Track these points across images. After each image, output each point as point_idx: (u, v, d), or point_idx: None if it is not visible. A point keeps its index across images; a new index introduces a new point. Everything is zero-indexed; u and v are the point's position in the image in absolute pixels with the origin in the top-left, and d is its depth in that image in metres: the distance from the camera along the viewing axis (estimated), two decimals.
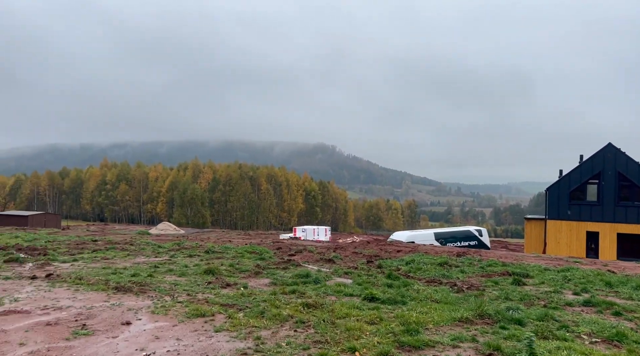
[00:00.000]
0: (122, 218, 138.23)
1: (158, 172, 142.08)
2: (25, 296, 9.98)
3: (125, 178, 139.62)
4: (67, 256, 17.76)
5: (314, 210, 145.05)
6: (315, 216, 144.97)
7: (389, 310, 9.49)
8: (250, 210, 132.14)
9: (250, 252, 18.71)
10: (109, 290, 10.59)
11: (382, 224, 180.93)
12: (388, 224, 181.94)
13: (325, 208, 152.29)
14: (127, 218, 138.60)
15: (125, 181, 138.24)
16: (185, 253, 18.47)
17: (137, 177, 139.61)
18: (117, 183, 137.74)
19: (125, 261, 16.29)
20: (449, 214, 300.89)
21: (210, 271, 13.39)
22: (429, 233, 32.35)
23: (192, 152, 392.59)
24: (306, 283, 12.23)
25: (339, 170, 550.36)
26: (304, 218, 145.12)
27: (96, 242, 24.50)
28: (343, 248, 21.18)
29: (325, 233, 42.28)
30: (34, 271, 13.61)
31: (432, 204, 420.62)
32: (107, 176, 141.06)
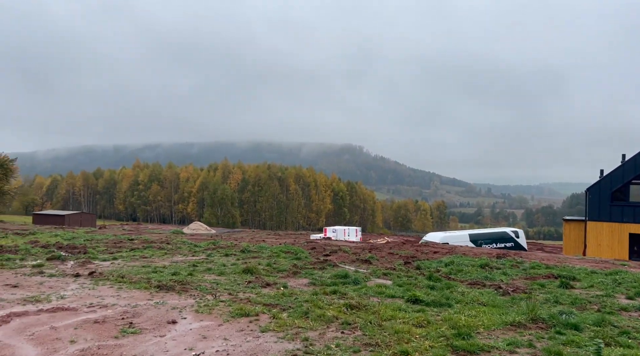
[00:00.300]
0: (154, 217, 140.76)
1: (189, 172, 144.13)
2: (71, 293, 10.09)
3: (157, 178, 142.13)
4: (106, 254, 18.03)
5: (341, 211, 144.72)
6: (343, 216, 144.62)
7: (435, 312, 9.23)
8: (278, 210, 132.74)
9: (286, 252, 18.63)
10: (152, 289, 10.63)
11: (410, 225, 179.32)
12: (417, 225, 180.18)
13: (353, 209, 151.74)
14: (159, 218, 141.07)
15: (157, 181, 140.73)
16: (222, 252, 18.52)
17: (168, 177, 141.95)
18: (149, 183, 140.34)
19: (163, 260, 16.42)
20: (479, 215, 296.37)
21: (249, 271, 13.34)
22: (464, 234, 31.73)
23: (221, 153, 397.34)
24: (345, 283, 12.06)
25: (366, 171, 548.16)
26: (332, 219, 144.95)
27: (132, 241, 24.88)
28: (378, 249, 20.90)
29: (356, 234, 41.98)
30: (77, 269, 13.83)
31: (461, 205, 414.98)
32: (139, 176, 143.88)
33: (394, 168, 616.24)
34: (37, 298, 9.47)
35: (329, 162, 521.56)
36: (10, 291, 10.20)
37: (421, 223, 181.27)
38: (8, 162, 75.99)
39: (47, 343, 6.68)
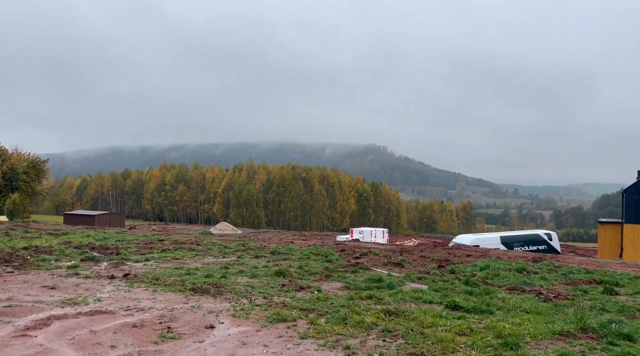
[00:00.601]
0: (180, 217, 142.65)
1: (214, 173, 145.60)
2: (107, 296, 10.11)
3: (184, 179, 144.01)
4: (138, 255, 18.18)
5: (366, 212, 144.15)
6: (368, 217, 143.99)
7: (477, 319, 8.93)
8: (303, 211, 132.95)
9: (316, 254, 18.48)
10: (186, 291, 10.59)
11: (435, 226, 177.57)
12: (442, 226, 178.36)
13: (377, 210, 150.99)
14: (185, 218, 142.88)
15: (183, 182, 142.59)
16: (252, 254, 18.48)
17: (194, 178, 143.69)
18: (175, 183, 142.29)
19: (195, 262, 16.46)
20: (505, 216, 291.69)
21: (281, 273, 13.24)
22: (495, 237, 31.09)
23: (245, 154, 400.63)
24: (380, 287, 11.83)
25: (390, 171, 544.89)
26: (356, 220, 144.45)
27: (162, 242, 25.08)
28: (409, 252, 20.58)
29: (383, 235, 41.58)
30: (110, 270, 13.93)
31: (487, 206, 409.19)
32: (166, 177, 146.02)
33: (419, 168, 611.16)
34: (75, 301, 9.51)
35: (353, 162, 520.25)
36: (48, 292, 10.29)
37: (447, 224, 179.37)
38: (40, 163, 78.14)
39: (88, 347, 6.65)
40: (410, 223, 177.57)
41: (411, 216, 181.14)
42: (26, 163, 75.69)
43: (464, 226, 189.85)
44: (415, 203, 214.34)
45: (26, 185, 73.86)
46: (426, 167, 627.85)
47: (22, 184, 73.19)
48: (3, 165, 71.86)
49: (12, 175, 72.48)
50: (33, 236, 25.88)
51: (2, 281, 11.55)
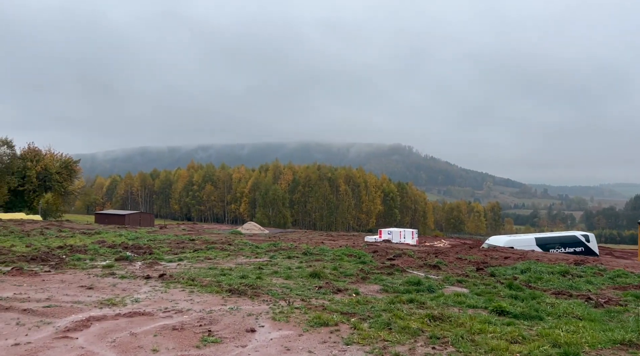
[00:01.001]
0: (207, 217, 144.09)
1: (241, 173, 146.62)
2: (144, 296, 10.01)
3: (211, 179, 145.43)
4: (171, 255, 18.20)
5: (392, 212, 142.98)
6: (394, 218, 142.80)
7: (527, 326, 8.47)
8: (328, 211, 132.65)
9: (348, 255, 18.17)
10: (223, 293, 10.42)
11: (463, 227, 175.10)
12: (470, 227, 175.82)
13: (404, 210, 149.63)
14: (212, 218, 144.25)
15: (210, 182, 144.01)
16: (284, 255, 18.29)
17: (221, 178, 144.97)
18: (203, 183, 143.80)
19: (228, 262, 16.35)
20: (534, 217, 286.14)
21: (316, 275, 12.98)
22: (530, 238, 30.22)
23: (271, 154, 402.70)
24: (420, 291, 11.46)
25: (415, 171, 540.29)
26: (382, 220, 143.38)
27: (193, 241, 25.16)
28: (444, 253, 20.08)
29: (412, 236, 40.97)
30: (145, 270, 13.91)
31: (515, 206, 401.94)
32: (193, 177, 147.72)
33: (445, 169, 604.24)
34: (113, 301, 9.43)
35: (378, 162, 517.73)
36: (86, 293, 10.25)
37: (474, 225, 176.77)
38: (72, 163, 79.90)
39: (129, 351, 6.49)
40: (437, 223, 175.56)
41: (438, 217, 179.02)
42: (59, 163, 77.50)
43: (492, 227, 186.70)
44: (442, 204, 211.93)
45: (59, 185, 75.63)
46: (452, 167, 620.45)
47: (55, 184, 74.97)
48: (37, 165, 73.72)
49: (45, 175, 74.32)
50: (67, 236, 26.27)
51: (40, 280, 11.60)
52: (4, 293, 9.85)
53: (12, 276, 11.90)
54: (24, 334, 7.14)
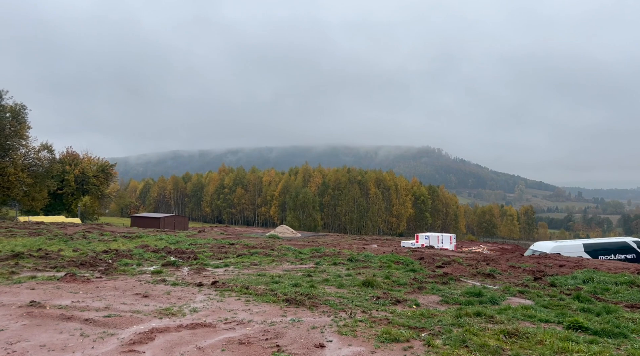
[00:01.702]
0: (238, 220, 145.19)
1: (271, 176, 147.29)
2: (201, 306, 9.78)
3: (241, 182, 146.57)
4: (215, 260, 18.06)
5: (423, 215, 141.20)
6: (425, 221, 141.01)
7: (613, 344, 7.86)
8: (358, 214, 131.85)
9: (395, 262, 17.67)
10: (280, 302, 10.10)
11: (495, 231, 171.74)
12: (503, 231, 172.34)
13: (435, 214, 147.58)
14: (243, 220, 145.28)
15: (241, 185, 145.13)
16: (328, 261, 17.92)
17: (251, 181, 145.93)
18: (234, 186, 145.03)
19: (274, 268, 16.08)
20: (569, 221, 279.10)
21: (369, 283, 12.56)
22: (578, 244, 29.06)
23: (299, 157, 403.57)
24: (482, 302, 10.90)
25: (445, 174, 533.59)
26: (413, 224, 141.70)
27: (234, 245, 25.05)
28: (494, 261, 19.35)
29: (450, 241, 40.05)
30: (194, 276, 13.75)
31: (549, 210, 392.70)
32: (224, 180, 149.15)
33: (475, 171, 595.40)
34: (171, 311, 9.22)
35: (407, 165, 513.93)
36: (143, 301, 10.08)
37: (507, 229, 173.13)
38: (108, 167, 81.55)
39: None
40: (469, 227, 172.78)
41: (469, 220, 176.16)
42: (96, 167, 79.22)
43: (525, 231, 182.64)
44: (473, 207, 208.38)
45: (96, 188, 77.30)
46: (483, 170, 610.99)
47: (92, 187, 76.64)
48: (75, 169, 75.53)
49: (83, 179, 76.07)
50: (109, 239, 26.54)
51: (94, 287, 11.53)
52: (63, 300, 9.77)
53: (66, 282, 11.88)
54: (90, 347, 6.96)
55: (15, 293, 10.31)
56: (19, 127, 59.77)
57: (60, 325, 8.00)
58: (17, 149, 60.89)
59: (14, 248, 19.54)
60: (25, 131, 60.76)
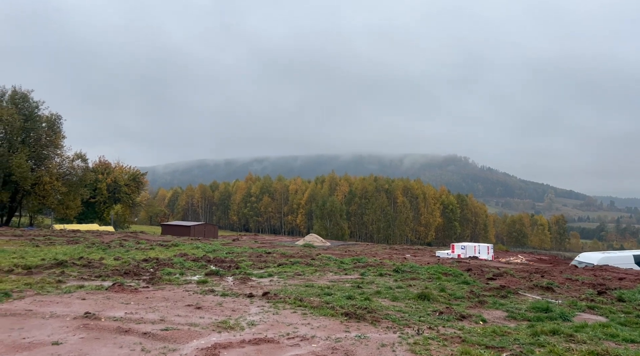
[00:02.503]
0: (264, 228, 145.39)
1: (297, 185, 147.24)
2: (258, 318, 9.33)
3: (268, 190, 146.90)
4: (257, 269, 17.69)
5: (452, 225, 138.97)
6: (454, 230, 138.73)
7: None
8: (386, 223, 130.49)
9: (443, 273, 16.98)
10: (339, 316, 9.59)
11: (526, 241, 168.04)
12: (533, 241, 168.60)
13: (464, 223, 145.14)
14: (269, 229, 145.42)
15: (267, 193, 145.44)
16: (373, 271, 17.34)
17: (278, 190, 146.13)
18: (260, 195, 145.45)
19: (319, 278, 15.59)
20: (601, 231, 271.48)
21: (425, 297, 11.95)
22: (628, 256, 27.73)
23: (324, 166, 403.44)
24: (552, 318, 10.18)
25: (472, 183, 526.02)
26: (441, 233, 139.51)
27: (270, 254, 24.67)
28: (548, 272, 18.44)
29: (488, 251, 38.91)
30: (241, 286, 13.37)
31: (580, 219, 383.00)
32: (251, 189, 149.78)
33: (503, 180, 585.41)
34: (228, 324, 8.80)
35: (432, 173, 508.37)
36: (197, 313, 9.70)
37: (538, 239, 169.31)
38: (140, 175, 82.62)
39: None
40: (498, 236, 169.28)
41: (499, 230, 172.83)
42: (127, 176, 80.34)
43: (556, 241, 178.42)
44: (502, 216, 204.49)
45: (127, 197, 78.34)
46: (511, 179, 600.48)
47: (124, 195, 77.70)
48: (107, 178, 76.70)
49: (115, 187, 77.19)
50: (146, 248, 26.49)
51: (143, 297, 11.22)
52: (116, 311, 9.46)
53: (115, 292, 11.61)
54: None
55: (67, 303, 10.06)
56: (54, 136, 61.00)
57: (118, 338, 7.66)
58: (52, 158, 62.15)
59: (56, 256, 19.54)
60: (60, 141, 61.99)
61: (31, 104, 59.75)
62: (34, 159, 59.10)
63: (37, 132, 59.19)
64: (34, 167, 58.98)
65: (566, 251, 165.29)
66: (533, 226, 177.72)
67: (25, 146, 57.17)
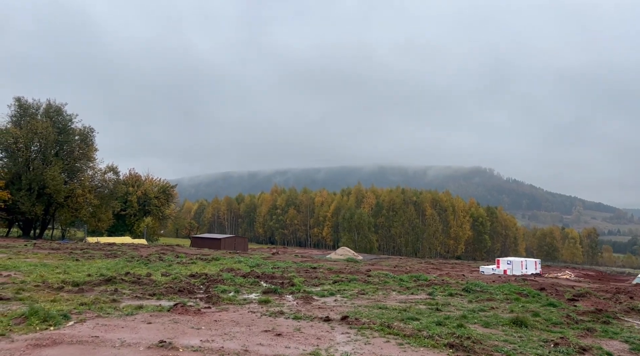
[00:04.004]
0: (290, 241, 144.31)
1: (323, 197, 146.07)
2: (350, 349, 8.14)
3: (293, 202, 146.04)
4: (312, 286, 16.57)
5: (482, 238, 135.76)
6: (484, 244, 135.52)
7: None
8: (414, 236, 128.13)
9: (517, 293, 15.56)
10: (442, 347, 8.35)
11: (557, 254, 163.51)
12: (564, 254, 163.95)
13: (494, 236, 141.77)
14: (295, 242, 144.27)
15: (293, 205, 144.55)
16: (440, 290, 16.01)
17: (304, 202, 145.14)
18: (286, 207, 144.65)
19: (385, 298, 14.35)
20: (634, 244, 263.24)
21: (521, 322, 10.62)
22: None
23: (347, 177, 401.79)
24: None
25: (497, 195, 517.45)
26: (471, 246, 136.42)
27: (316, 269, 23.53)
28: (630, 292, 16.86)
29: (535, 266, 37.04)
30: (307, 307, 12.24)
31: (610, 232, 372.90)
32: (277, 201, 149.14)
33: (529, 192, 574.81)
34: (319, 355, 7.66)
35: (457, 185, 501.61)
36: (279, 341, 8.58)
37: (569, 253, 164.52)
38: (169, 188, 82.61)
39: None
40: (528, 250, 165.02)
41: (528, 243, 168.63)
42: (157, 188, 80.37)
43: (588, 255, 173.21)
44: (532, 230, 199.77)
45: (157, 209, 78.27)
46: (537, 191, 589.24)
47: (154, 208, 77.65)
48: (138, 190, 76.82)
49: (145, 200, 77.23)
50: (187, 262, 25.60)
51: (211, 320, 10.16)
52: (190, 339, 8.40)
53: (178, 314, 10.60)
54: None
55: (133, 328, 9.06)
56: (87, 149, 61.25)
57: None
58: (84, 171, 62.36)
59: (100, 271, 18.74)
60: (92, 153, 62.21)
61: (65, 117, 60.18)
62: (67, 172, 59.33)
63: (70, 145, 59.51)
64: (67, 180, 59.17)
65: (599, 265, 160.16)
66: (564, 239, 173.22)
67: (59, 158, 57.44)
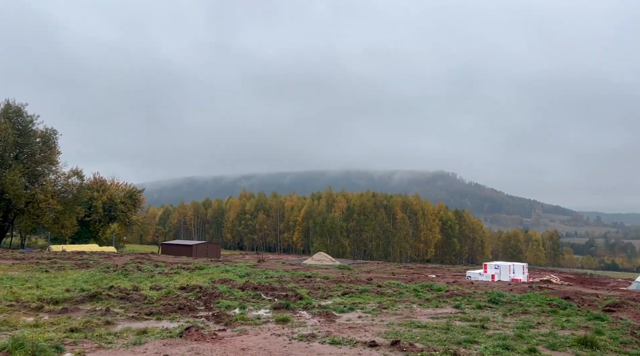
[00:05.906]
0: (259, 246, 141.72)
1: (293, 201, 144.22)
2: None
3: (263, 207, 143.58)
4: (319, 299, 14.99)
5: (451, 241, 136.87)
6: (453, 247, 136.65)
7: None
8: (385, 240, 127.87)
9: (547, 304, 14.38)
10: None
11: (521, 256, 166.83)
12: (528, 256, 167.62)
13: (462, 239, 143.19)
14: (265, 247, 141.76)
15: (262, 210, 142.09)
16: (465, 302, 14.65)
17: (273, 207, 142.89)
18: (255, 212, 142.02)
19: (412, 313, 12.87)
20: (591, 246, 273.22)
21: (590, 343, 9.33)
22: None
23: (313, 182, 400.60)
24: None
25: (460, 198, 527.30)
26: (441, 250, 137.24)
27: (312, 278, 21.90)
28: None
29: (523, 271, 36.41)
30: (333, 325, 10.64)
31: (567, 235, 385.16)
32: (246, 206, 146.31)
33: (490, 196, 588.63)
34: None
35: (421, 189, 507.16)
36: None
37: (533, 255, 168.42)
38: (136, 193, 79.15)
39: None
40: (494, 253, 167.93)
41: (494, 246, 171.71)
42: (123, 193, 76.82)
43: (550, 256, 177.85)
44: (497, 233, 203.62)
45: (123, 215, 74.71)
46: (498, 194, 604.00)
47: (120, 214, 74.08)
48: (103, 195, 73.14)
49: (110, 205, 73.59)
50: (170, 272, 23.47)
51: (237, 349, 8.38)
52: None
53: (195, 341, 8.79)
54: None
55: None
56: (49, 152, 57.71)
57: None
58: (47, 175, 58.71)
59: (78, 285, 16.57)
60: (55, 157, 58.70)
61: (25, 118, 56.54)
62: (27, 176, 55.64)
63: (31, 148, 55.91)
64: (28, 184, 55.51)
65: (560, 266, 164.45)
66: (527, 242, 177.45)
67: (19, 162, 53.79)
